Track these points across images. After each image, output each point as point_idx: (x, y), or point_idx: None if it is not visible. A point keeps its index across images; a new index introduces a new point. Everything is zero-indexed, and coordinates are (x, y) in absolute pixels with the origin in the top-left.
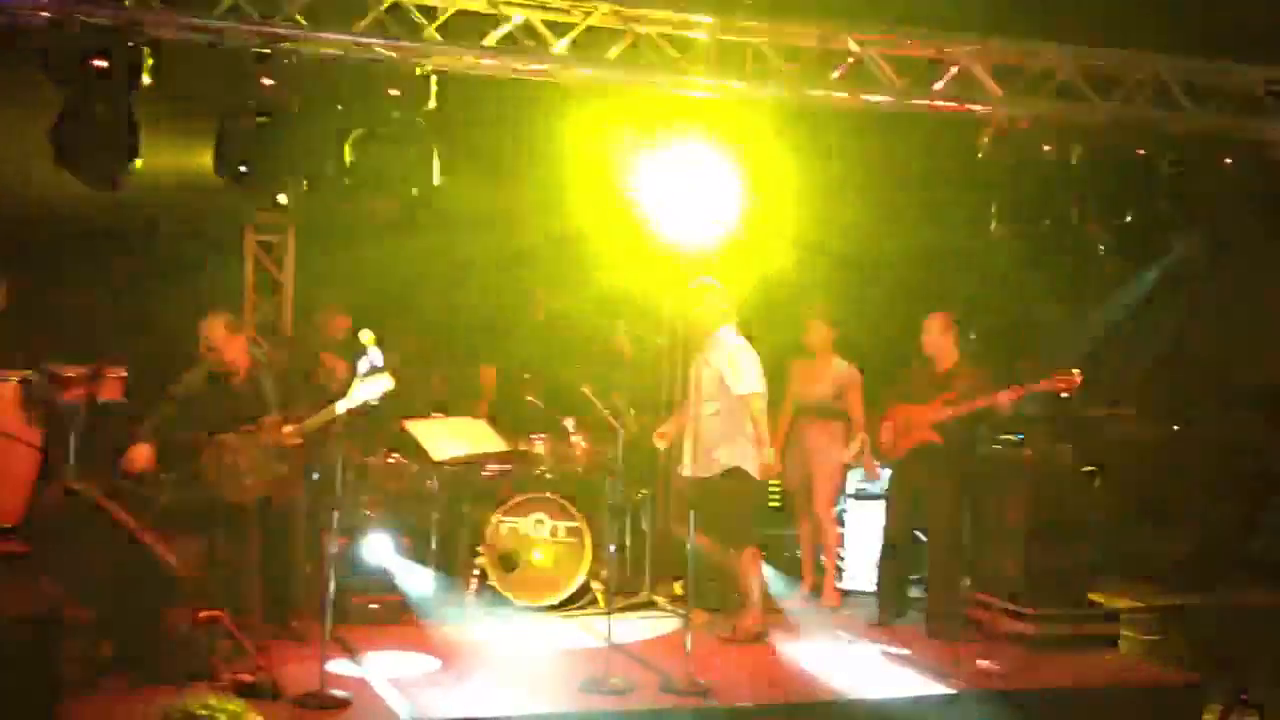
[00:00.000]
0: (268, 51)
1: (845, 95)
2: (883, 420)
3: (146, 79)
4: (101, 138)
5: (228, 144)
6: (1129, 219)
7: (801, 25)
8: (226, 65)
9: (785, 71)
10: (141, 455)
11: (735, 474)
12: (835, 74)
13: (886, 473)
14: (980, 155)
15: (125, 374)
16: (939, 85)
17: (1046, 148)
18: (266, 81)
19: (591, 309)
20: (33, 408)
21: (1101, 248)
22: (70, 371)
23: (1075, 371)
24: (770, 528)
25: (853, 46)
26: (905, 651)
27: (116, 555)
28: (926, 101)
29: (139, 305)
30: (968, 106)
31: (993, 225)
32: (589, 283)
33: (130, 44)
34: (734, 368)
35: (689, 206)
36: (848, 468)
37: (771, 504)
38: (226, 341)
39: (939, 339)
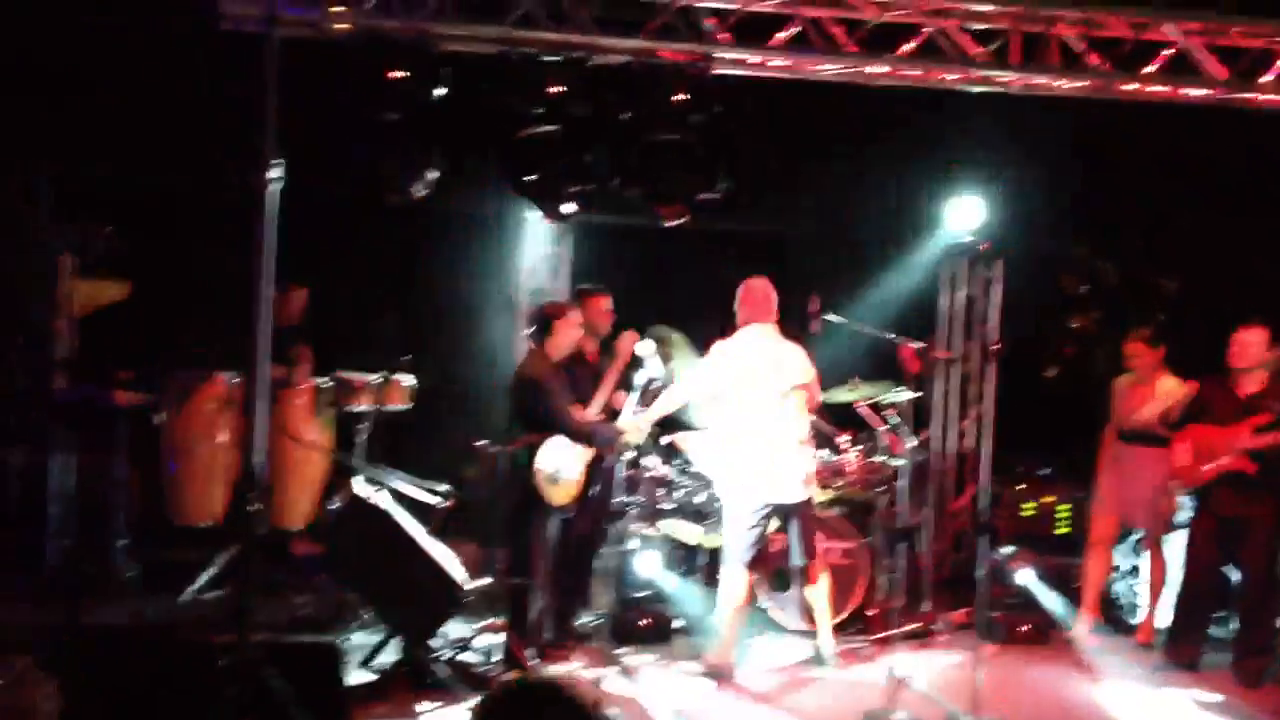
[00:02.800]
0: (559, 59)
1: (1164, 89)
2: (1176, 441)
3: (442, 90)
4: (399, 150)
5: (516, 153)
6: None
7: (1114, 12)
8: (515, 73)
9: (1096, 63)
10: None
11: None
12: (1153, 66)
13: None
14: None
15: (412, 382)
16: (1268, 78)
17: None
18: (555, 89)
19: (873, 319)
20: (324, 414)
21: None
22: (359, 380)
23: None
24: (1059, 554)
25: (1172, 35)
26: (1219, 698)
27: (400, 562)
28: (1253, 95)
29: (417, 313)
30: None
31: None
32: (869, 291)
33: (426, 55)
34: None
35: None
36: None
37: (1060, 530)
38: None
39: (1256, 355)
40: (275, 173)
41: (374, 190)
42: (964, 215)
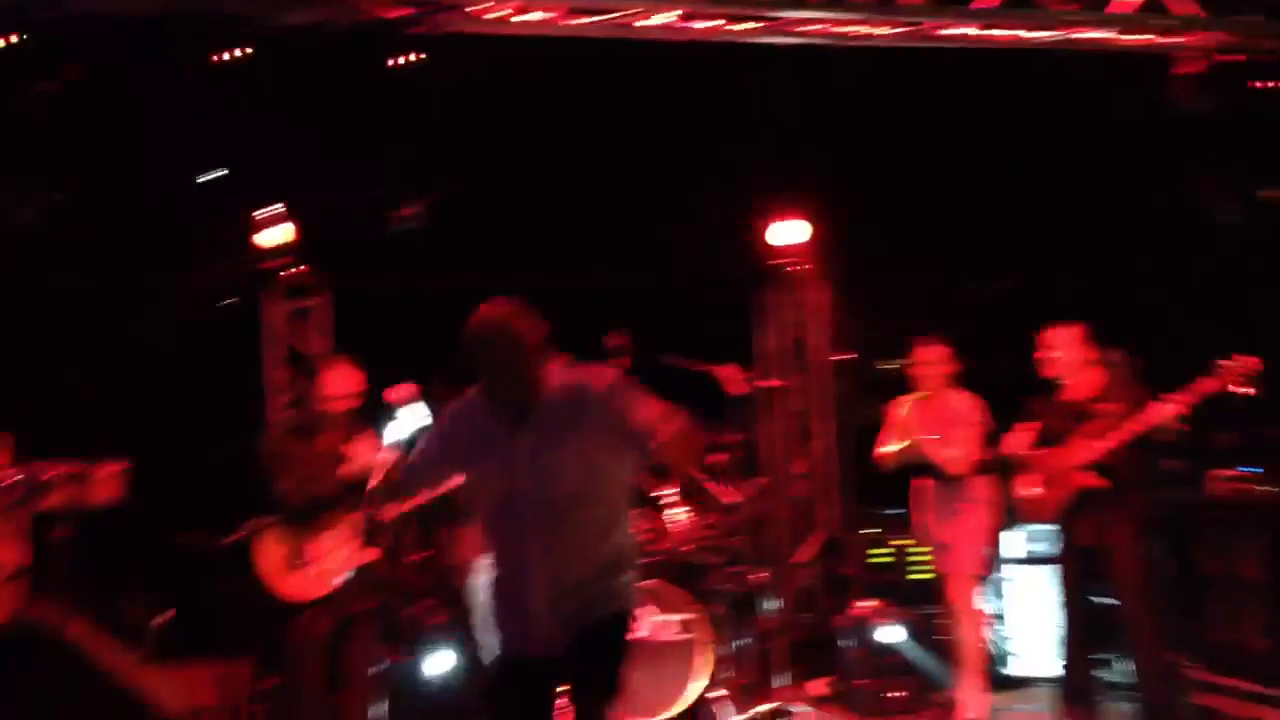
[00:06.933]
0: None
1: (991, 32)
2: (1017, 476)
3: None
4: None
5: (181, 146)
6: None
7: None
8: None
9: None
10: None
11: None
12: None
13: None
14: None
15: (124, 470)
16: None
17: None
18: (221, 57)
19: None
20: (9, 518)
21: None
22: (54, 471)
23: (1249, 357)
24: (919, 604)
25: None
26: None
27: (89, 703)
28: (1096, 34)
29: (142, 387)
30: (1155, 39)
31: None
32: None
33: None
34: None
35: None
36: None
37: (915, 575)
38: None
39: (1069, 358)
40: None
41: None
42: (783, 237)
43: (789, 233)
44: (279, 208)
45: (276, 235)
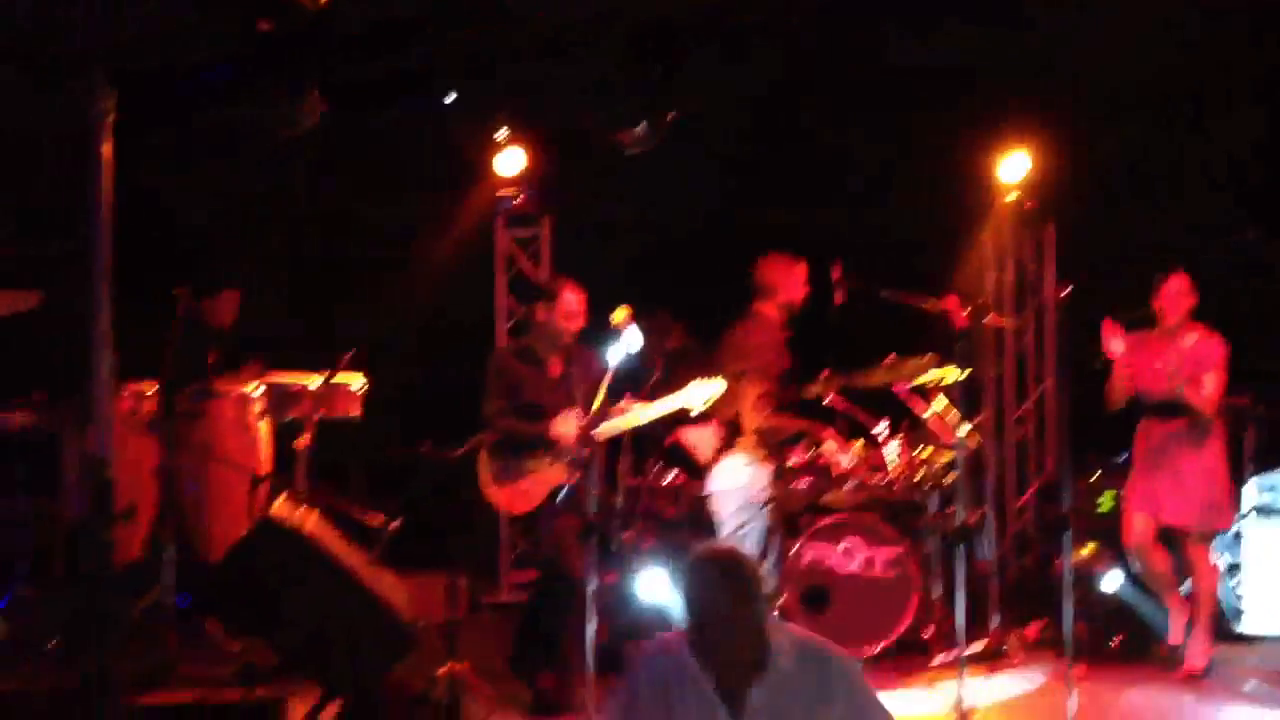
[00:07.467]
0: None
1: None
2: None
3: None
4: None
5: (425, 67)
6: None
7: None
8: None
9: None
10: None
11: None
12: None
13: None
14: None
15: (363, 385)
16: None
17: None
18: None
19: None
20: (257, 428)
21: None
22: (299, 385)
23: None
24: None
25: None
26: None
27: (329, 599)
28: None
29: (369, 313)
30: None
31: None
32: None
33: None
34: None
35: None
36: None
37: None
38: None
39: None
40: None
41: (250, 126)
42: (1011, 172)
43: (1017, 167)
44: (505, 132)
45: (509, 161)
